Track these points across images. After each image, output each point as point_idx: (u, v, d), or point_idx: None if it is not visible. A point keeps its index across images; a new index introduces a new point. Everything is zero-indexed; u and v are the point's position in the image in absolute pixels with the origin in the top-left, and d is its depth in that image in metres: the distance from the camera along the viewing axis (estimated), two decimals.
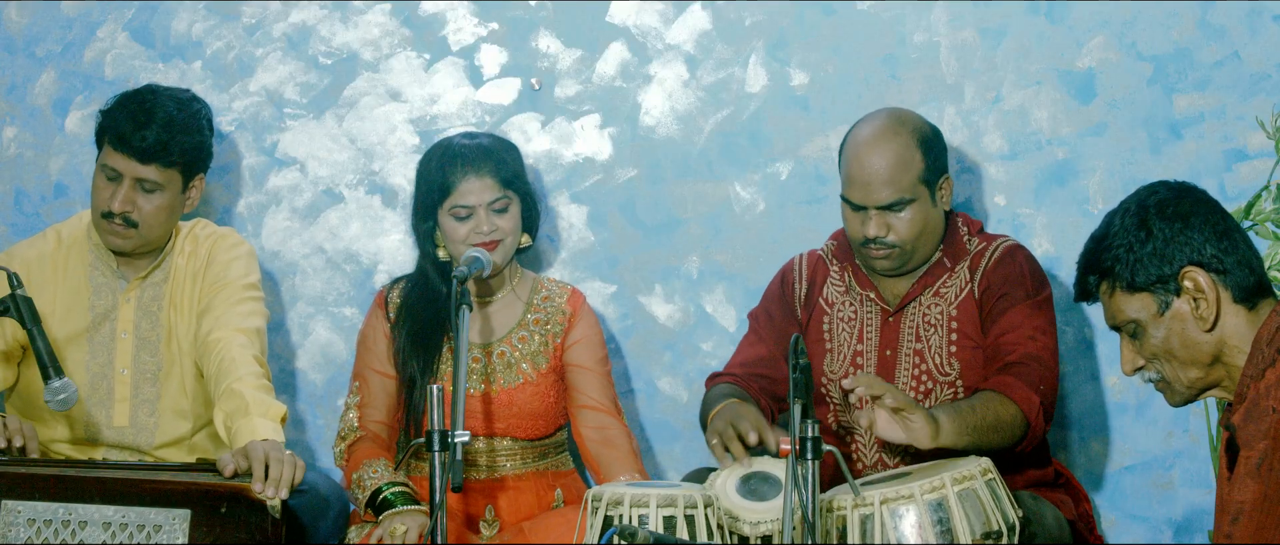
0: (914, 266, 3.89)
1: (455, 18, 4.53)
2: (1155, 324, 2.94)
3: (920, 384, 3.87)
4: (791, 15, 4.40)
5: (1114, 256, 2.95)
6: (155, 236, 3.99)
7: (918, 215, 3.81)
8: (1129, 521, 4.27)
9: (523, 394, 4.04)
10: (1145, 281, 2.93)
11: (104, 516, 3.46)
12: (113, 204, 3.91)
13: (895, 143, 3.80)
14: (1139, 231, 2.93)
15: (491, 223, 3.96)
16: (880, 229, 3.80)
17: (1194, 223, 2.92)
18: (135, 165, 3.90)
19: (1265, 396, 2.78)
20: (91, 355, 4.01)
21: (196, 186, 4.03)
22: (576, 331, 4.08)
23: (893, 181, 3.78)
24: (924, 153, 3.82)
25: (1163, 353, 2.96)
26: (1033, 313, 3.80)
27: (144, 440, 4.00)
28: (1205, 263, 2.90)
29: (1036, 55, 4.30)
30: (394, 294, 4.10)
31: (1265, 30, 4.20)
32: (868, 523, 3.33)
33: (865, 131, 3.85)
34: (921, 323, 3.89)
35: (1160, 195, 2.96)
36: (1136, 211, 2.95)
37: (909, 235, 3.81)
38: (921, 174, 3.81)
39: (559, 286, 4.15)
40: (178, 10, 4.60)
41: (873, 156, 3.80)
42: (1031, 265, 3.89)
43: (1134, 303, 2.95)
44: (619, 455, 3.99)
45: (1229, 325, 2.91)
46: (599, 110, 4.49)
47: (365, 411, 4.04)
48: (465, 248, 3.95)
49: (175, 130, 3.92)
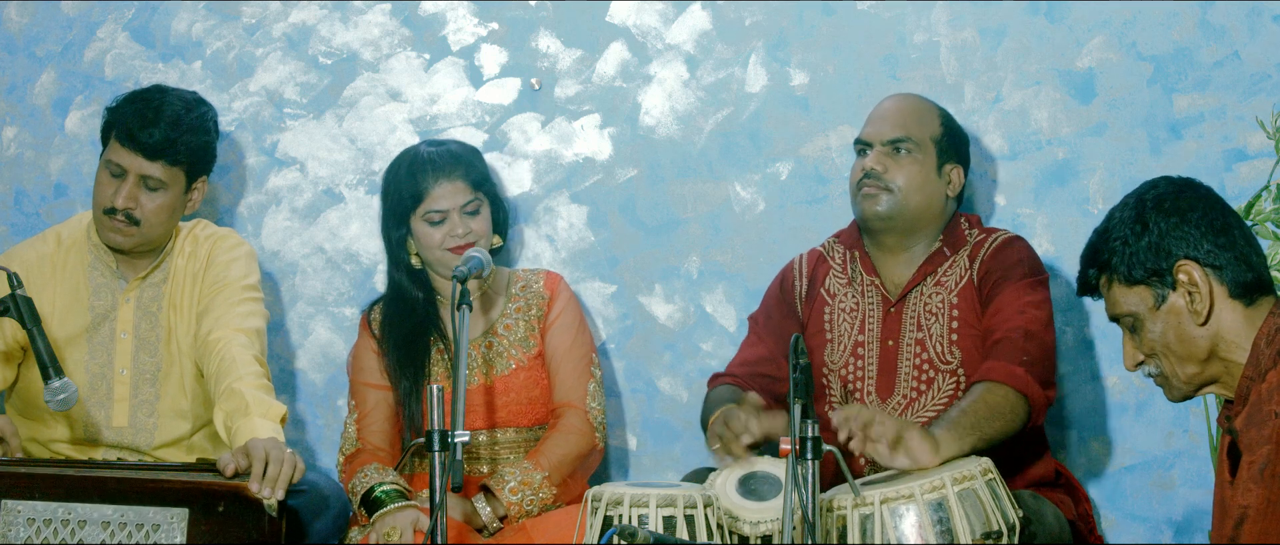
0: (905, 232, 3.92)
1: (455, 18, 4.53)
2: (1152, 318, 2.96)
3: (922, 373, 3.88)
4: (791, 15, 4.40)
5: (1111, 250, 2.98)
6: (155, 236, 3.99)
7: (917, 170, 3.89)
8: (1129, 521, 4.27)
9: (517, 379, 4.07)
10: (1141, 275, 2.95)
11: (103, 515, 3.46)
12: (116, 200, 3.92)
13: (915, 99, 4.02)
14: (1135, 225, 2.95)
15: (465, 225, 4.02)
16: (877, 163, 3.89)
17: (1191, 218, 2.93)
18: (141, 161, 3.91)
19: (1267, 400, 2.79)
20: (91, 355, 4.01)
21: (199, 189, 4.04)
22: (554, 310, 4.13)
23: (901, 122, 3.92)
24: (942, 123, 3.98)
25: (1160, 347, 2.97)
26: (1024, 291, 3.81)
27: (143, 440, 4.01)
28: (1200, 257, 2.91)
29: (1036, 55, 4.30)
30: (375, 313, 4.16)
31: (1265, 30, 4.20)
32: (868, 523, 3.33)
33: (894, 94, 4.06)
34: (923, 311, 3.90)
35: (1160, 190, 2.98)
36: (1135, 205, 2.98)
37: (903, 184, 3.88)
38: (933, 136, 3.93)
39: (533, 273, 4.20)
40: (178, 10, 4.60)
41: (890, 101, 4.01)
42: (1029, 252, 3.92)
43: (1131, 296, 2.97)
44: (552, 436, 4.01)
45: (1224, 320, 2.92)
46: (599, 110, 4.49)
47: (363, 425, 4.08)
48: (440, 253, 4.03)
49: (182, 129, 3.94)
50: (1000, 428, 3.61)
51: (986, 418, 3.59)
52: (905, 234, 3.93)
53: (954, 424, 3.54)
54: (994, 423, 3.60)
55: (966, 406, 3.60)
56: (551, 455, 3.96)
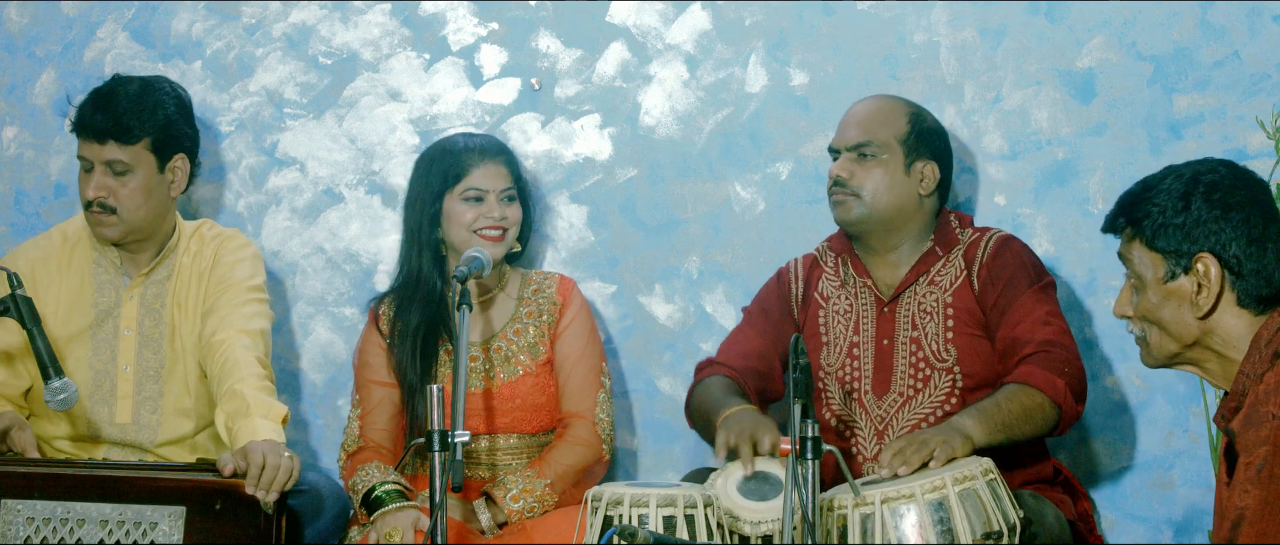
0: (884, 232, 3.92)
1: (455, 18, 4.53)
2: (1155, 288, 2.96)
3: (918, 372, 3.88)
4: (791, 15, 4.40)
5: (1146, 211, 2.97)
6: (140, 222, 3.98)
7: (882, 173, 3.90)
8: (1129, 521, 4.27)
9: (524, 386, 4.05)
10: (1164, 246, 2.95)
11: (101, 514, 3.47)
12: (89, 192, 3.94)
13: (882, 101, 4.02)
14: (1179, 201, 2.94)
15: (502, 210, 4.00)
16: (844, 170, 3.91)
17: (1233, 217, 2.92)
18: (96, 147, 3.93)
19: (1264, 401, 2.79)
20: (94, 352, 4.01)
21: (179, 168, 4.02)
22: (566, 317, 4.11)
23: (864, 126, 3.93)
24: (910, 123, 3.95)
25: (1152, 317, 2.98)
26: (1039, 299, 3.83)
27: (145, 438, 4.00)
28: (1224, 257, 2.91)
29: (1036, 55, 4.30)
30: (384, 307, 4.12)
31: (1265, 30, 4.20)
32: (868, 522, 3.33)
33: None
34: (917, 310, 3.91)
35: (1217, 175, 2.96)
36: (1188, 181, 2.96)
37: (870, 190, 3.89)
38: (899, 136, 3.91)
39: (547, 277, 4.17)
40: (178, 10, 4.60)
41: (858, 105, 4.01)
42: (1028, 254, 3.92)
43: (1147, 258, 2.97)
44: (559, 446, 4.00)
45: (1224, 323, 2.92)
46: (599, 110, 4.49)
47: (366, 422, 4.07)
48: (470, 234, 3.98)
49: (134, 106, 3.94)
50: (1029, 431, 3.64)
51: (1020, 418, 3.61)
52: (885, 234, 3.94)
53: (986, 417, 3.57)
54: (1024, 426, 3.63)
55: (1002, 402, 3.61)
56: (557, 465, 3.95)
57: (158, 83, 4.03)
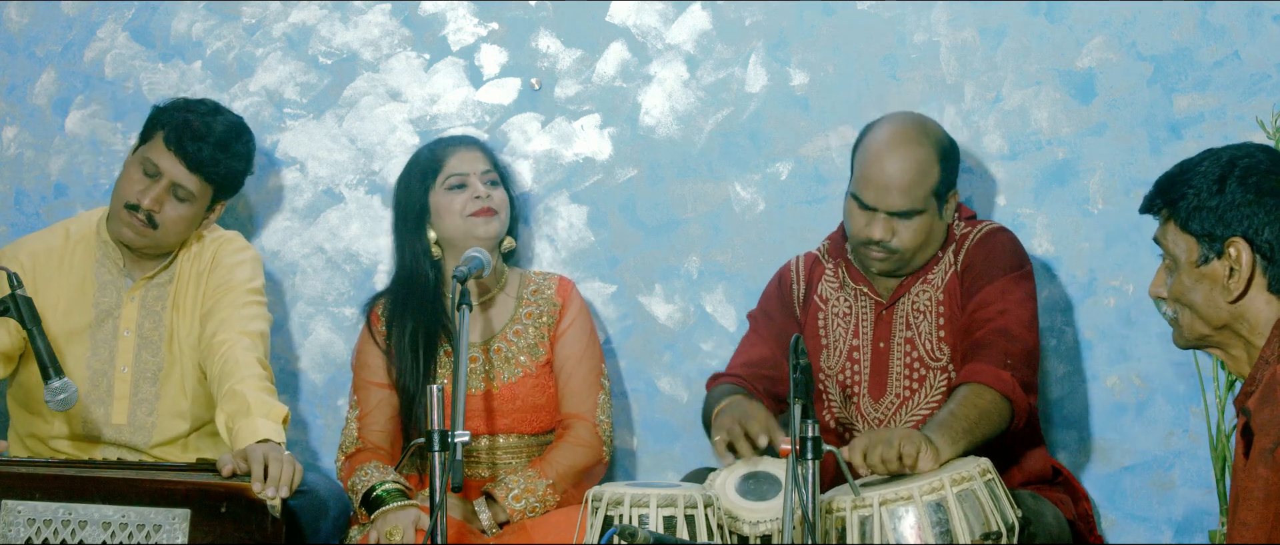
0: (908, 272, 3.90)
1: (455, 18, 4.53)
2: (1188, 271, 2.98)
3: (913, 372, 3.88)
4: (791, 15, 4.40)
5: (1182, 193, 2.97)
6: (168, 243, 4.02)
7: (923, 226, 3.82)
8: (1129, 521, 4.27)
9: (524, 387, 4.06)
10: (1197, 229, 2.96)
11: (104, 516, 3.46)
12: (143, 198, 3.93)
13: (918, 152, 3.79)
14: (1214, 184, 2.94)
15: (486, 189, 4.03)
16: (885, 233, 3.80)
17: (1267, 202, 2.92)
18: (182, 170, 3.94)
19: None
20: (93, 352, 4.02)
21: (218, 210, 4.09)
22: (566, 319, 4.12)
23: (908, 190, 3.76)
24: (942, 166, 3.82)
25: (1185, 299, 2.99)
26: (1008, 287, 3.80)
27: (141, 439, 4.01)
28: (1257, 242, 2.91)
29: (1036, 55, 4.30)
30: (380, 309, 4.13)
31: (1265, 30, 4.20)
32: (867, 523, 3.33)
33: (888, 133, 3.81)
34: (911, 310, 3.90)
35: (1254, 160, 2.95)
36: (1225, 164, 2.96)
37: (911, 244, 3.82)
38: (935, 186, 3.80)
39: (546, 277, 4.18)
40: (178, 10, 4.60)
41: (892, 161, 3.77)
42: (1011, 244, 3.89)
43: (1181, 241, 2.98)
44: (560, 447, 4.01)
45: (1253, 308, 2.93)
46: (599, 110, 4.49)
47: (365, 423, 4.08)
48: (461, 220, 4.00)
49: (229, 152, 3.99)
50: (987, 431, 3.61)
51: (977, 421, 3.59)
52: (906, 270, 3.91)
53: (947, 428, 3.53)
54: (983, 426, 3.60)
55: (957, 410, 3.59)
56: (558, 465, 3.96)
57: (248, 132, 4.08)
